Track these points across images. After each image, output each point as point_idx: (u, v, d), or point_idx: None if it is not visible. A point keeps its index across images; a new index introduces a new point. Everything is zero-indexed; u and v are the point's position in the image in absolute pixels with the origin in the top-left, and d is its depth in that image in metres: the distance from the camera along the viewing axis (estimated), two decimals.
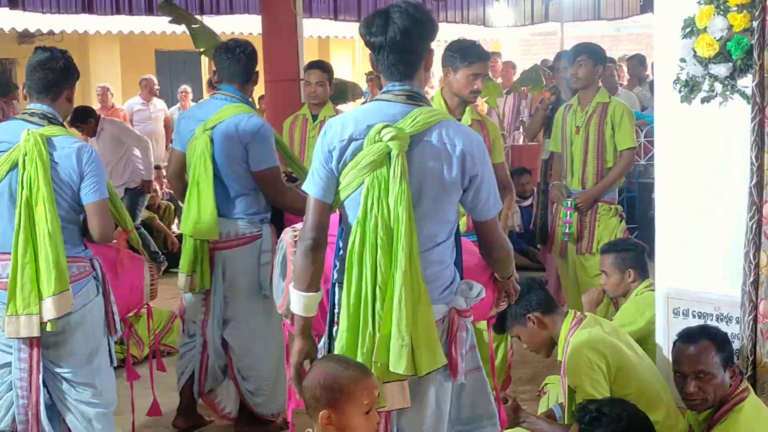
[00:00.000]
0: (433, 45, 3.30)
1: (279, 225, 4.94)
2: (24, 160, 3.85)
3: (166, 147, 13.06)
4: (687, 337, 3.76)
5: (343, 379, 2.82)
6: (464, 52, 5.07)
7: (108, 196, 4.07)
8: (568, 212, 5.96)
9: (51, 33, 13.80)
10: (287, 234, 3.70)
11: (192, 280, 4.92)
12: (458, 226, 3.33)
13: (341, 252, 3.21)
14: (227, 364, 5.09)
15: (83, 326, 4.03)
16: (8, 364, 3.99)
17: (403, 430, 3.23)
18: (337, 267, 3.24)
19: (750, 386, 3.60)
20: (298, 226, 3.53)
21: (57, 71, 3.99)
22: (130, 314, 4.86)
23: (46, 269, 3.83)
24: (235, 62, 4.99)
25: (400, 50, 3.11)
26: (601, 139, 6.00)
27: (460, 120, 5.05)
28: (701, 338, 3.69)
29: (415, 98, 3.14)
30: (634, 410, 3.30)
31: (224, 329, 5.03)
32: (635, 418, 3.22)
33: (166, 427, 5.19)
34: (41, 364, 3.97)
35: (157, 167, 11.05)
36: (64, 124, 4.11)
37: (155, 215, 9.56)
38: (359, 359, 3.03)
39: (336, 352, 3.16)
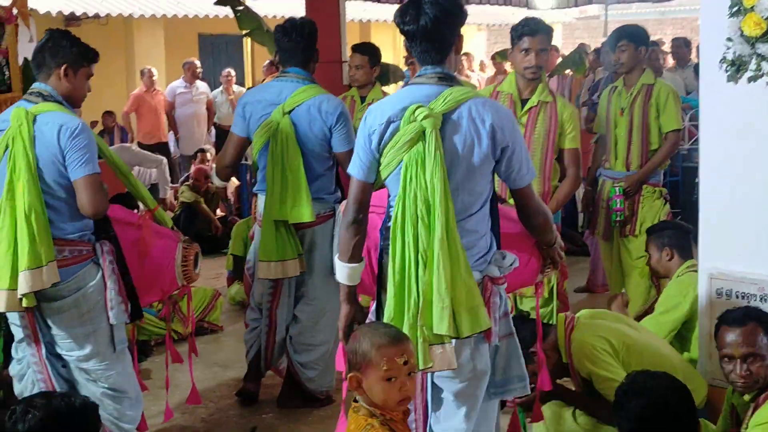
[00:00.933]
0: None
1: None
2: (11, 139, 3.86)
3: (208, 129, 13.17)
4: (733, 319, 3.67)
5: (366, 344, 2.89)
6: (515, 29, 5.11)
7: (98, 171, 3.93)
8: (618, 200, 5.93)
9: (96, 16, 13.93)
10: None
11: (284, 267, 4.91)
12: (494, 195, 3.44)
13: (388, 222, 3.36)
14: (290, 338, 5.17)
15: (77, 309, 3.99)
16: (23, 339, 4.05)
17: (441, 388, 3.36)
18: (384, 235, 3.41)
19: None
20: None
21: (46, 50, 3.98)
22: (173, 293, 4.79)
23: (21, 245, 3.79)
24: (296, 43, 5.02)
25: (431, 37, 3.30)
26: (646, 120, 5.97)
27: (528, 100, 5.19)
28: (748, 320, 3.61)
29: (446, 80, 3.33)
30: (672, 385, 3.28)
31: (295, 306, 5.13)
32: (671, 393, 3.21)
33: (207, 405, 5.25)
34: (41, 342, 4.00)
35: (202, 150, 11.15)
36: (63, 102, 4.00)
37: (201, 199, 9.59)
38: (405, 322, 3.18)
39: (384, 316, 3.31)
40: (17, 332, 4.08)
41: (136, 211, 4.89)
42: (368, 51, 6.91)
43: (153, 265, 4.35)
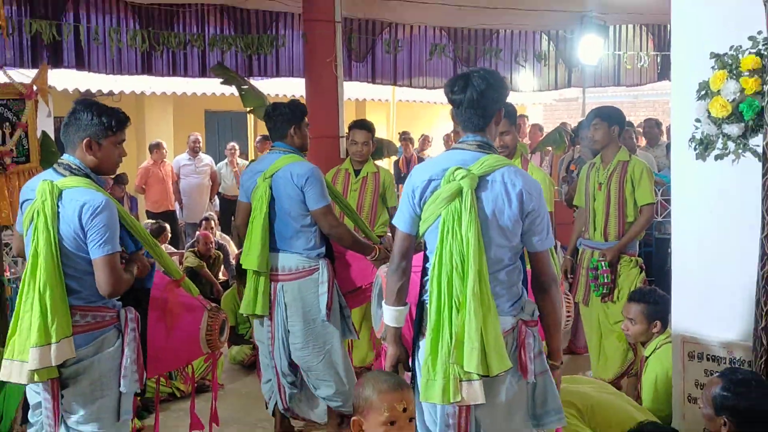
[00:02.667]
0: None
1: (331, 257, 5.33)
2: (36, 212, 3.75)
3: (211, 199, 13.20)
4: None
5: (369, 390, 2.94)
6: None
7: (117, 251, 3.80)
8: (605, 274, 5.97)
9: (111, 93, 14.02)
10: (382, 271, 4.32)
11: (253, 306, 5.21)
12: (524, 252, 3.55)
13: (425, 277, 3.49)
14: (298, 379, 5.38)
15: (89, 373, 3.83)
16: (39, 404, 3.87)
17: (480, 422, 3.42)
18: (423, 289, 3.53)
19: None
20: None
21: (71, 124, 3.87)
22: (198, 359, 4.75)
23: (34, 321, 3.65)
24: (277, 122, 5.32)
25: (475, 107, 3.44)
26: (622, 194, 6.01)
27: None
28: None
29: (485, 147, 3.47)
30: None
31: (290, 352, 5.28)
32: None
33: None
34: (60, 409, 3.83)
35: (207, 218, 11.16)
36: (90, 174, 3.87)
37: (204, 264, 9.57)
38: (439, 360, 3.30)
39: (422, 355, 3.40)
40: (33, 398, 3.93)
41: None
42: (371, 127, 6.98)
43: (180, 332, 4.27)
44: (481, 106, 3.44)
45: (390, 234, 6.49)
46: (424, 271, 3.54)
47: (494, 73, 3.54)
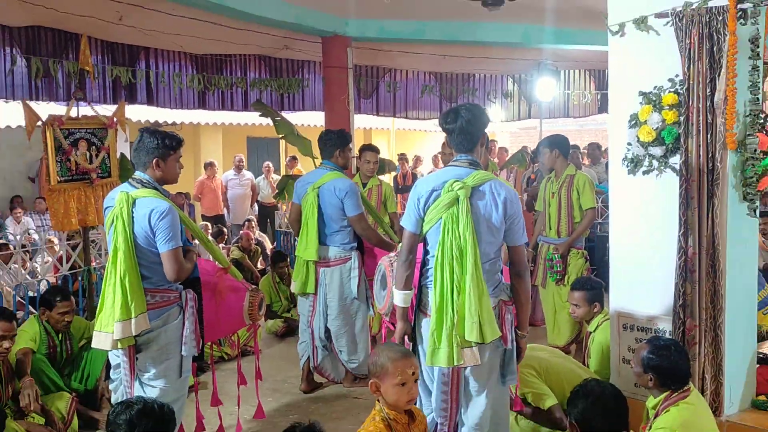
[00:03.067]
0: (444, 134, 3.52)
1: (361, 250, 5.50)
2: (115, 216, 3.78)
3: (252, 205, 13.21)
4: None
5: (384, 358, 2.93)
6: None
7: (179, 245, 3.81)
8: (557, 264, 6.01)
9: (174, 123, 14.03)
10: (384, 260, 4.32)
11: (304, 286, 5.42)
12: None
13: (425, 267, 3.51)
14: (329, 344, 5.54)
15: (158, 341, 3.85)
16: (118, 365, 3.92)
17: (467, 378, 3.47)
18: (422, 275, 3.54)
19: (693, 385, 3.48)
20: (392, 255, 4.32)
21: (141, 149, 3.88)
22: (242, 329, 4.78)
23: (116, 301, 3.70)
24: (326, 144, 5.52)
25: (464, 133, 3.47)
26: (570, 201, 6.01)
27: None
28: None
29: (475, 164, 3.49)
30: (610, 390, 3.24)
31: (327, 321, 5.46)
32: (608, 396, 3.17)
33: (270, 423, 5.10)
34: (136, 368, 3.87)
35: (249, 220, 11.16)
36: (157, 187, 3.88)
37: (245, 255, 9.56)
38: (444, 332, 3.32)
39: (429, 330, 3.40)
40: (113, 360, 3.97)
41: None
42: (378, 150, 7.02)
43: (227, 308, 4.28)
44: (468, 132, 3.46)
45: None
46: (424, 262, 3.53)
47: (477, 106, 3.58)
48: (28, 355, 4.73)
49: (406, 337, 3.62)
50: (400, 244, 3.64)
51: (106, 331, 3.75)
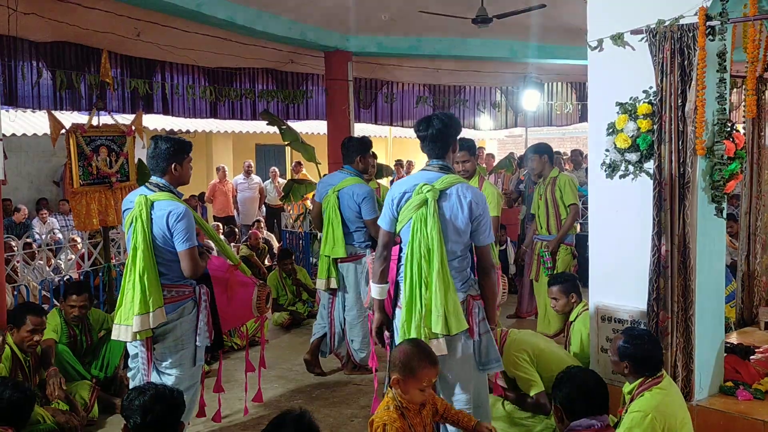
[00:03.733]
0: None
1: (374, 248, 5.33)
2: (134, 218, 3.78)
3: (259, 207, 13.21)
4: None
5: (416, 362, 2.93)
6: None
7: (195, 245, 3.80)
8: (548, 261, 6.06)
9: (188, 131, 14.04)
10: (368, 258, 4.48)
11: (328, 283, 5.45)
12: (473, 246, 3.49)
13: (399, 263, 3.49)
14: (344, 332, 5.57)
15: (174, 333, 3.85)
16: (136, 355, 3.92)
17: (442, 367, 3.35)
18: (399, 271, 3.50)
19: (665, 372, 3.46)
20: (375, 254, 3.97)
21: (158, 156, 3.86)
22: (250, 321, 4.76)
23: (136, 296, 3.70)
24: (349, 150, 5.51)
25: (435, 141, 3.44)
26: (555, 200, 6.07)
27: None
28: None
29: (445, 169, 3.44)
30: (592, 377, 3.20)
31: (345, 312, 5.50)
32: (592, 381, 3.13)
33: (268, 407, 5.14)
34: (153, 358, 3.87)
35: (257, 221, 11.16)
36: (173, 189, 3.88)
37: (254, 253, 9.54)
38: (413, 324, 3.30)
39: (399, 323, 3.40)
40: (131, 350, 3.96)
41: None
42: (375, 156, 6.97)
43: (237, 301, 4.25)
44: (439, 140, 3.43)
45: None
46: (399, 259, 3.51)
47: (450, 115, 3.52)
48: (52, 345, 4.73)
49: (385, 329, 3.59)
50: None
51: (126, 324, 3.75)
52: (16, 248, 6.49)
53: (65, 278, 6.55)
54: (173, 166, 3.88)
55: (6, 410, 3.10)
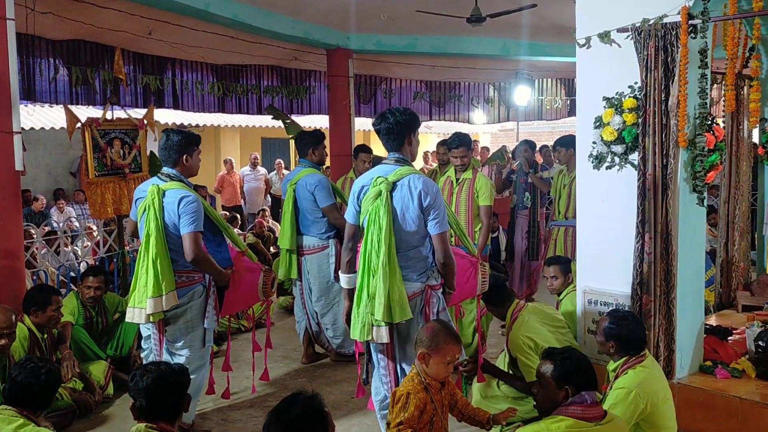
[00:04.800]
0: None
1: (339, 239, 5.09)
2: (147, 206, 3.77)
3: (265, 197, 13.19)
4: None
5: (443, 339, 2.92)
6: (451, 141, 5.29)
7: (200, 230, 3.76)
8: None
9: (197, 125, 13.99)
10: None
11: (288, 273, 5.27)
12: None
13: None
14: (318, 322, 5.37)
15: (185, 316, 3.86)
16: (149, 336, 3.94)
17: (401, 359, 3.39)
18: None
19: (648, 352, 3.45)
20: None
21: (170, 148, 3.85)
22: (257, 304, 4.72)
23: (149, 280, 3.70)
24: (301, 144, 5.34)
25: (389, 134, 3.38)
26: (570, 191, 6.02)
27: (460, 177, 5.43)
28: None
29: (400, 161, 3.38)
30: (583, 354, 3.14)
31: (314, 304, 5.29)
32: (586, 358, 3.05)
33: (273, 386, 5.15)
34: (165, 339, 3.89)
35: (263, 210, 11.14)
36: (183, 179, 3.87)
37: (260, 240, 9.51)
38: (360, 311, 3.28)
39: (353, 308, 3.37)
40: (144, 331, 3.99)
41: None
42: (370, 150, 6.98)
43: (244, 286, 4.22)
44: (393, 133, 3.36)
45: None
46: None
47: (407, 110, 3.42)
48: (68, 327, 4.74)
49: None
50: None
51: (140, 307, 3.75)
52: (35, 236, 6.49)
53: (81, 264, 6.55)
54: (184, 157, 3.88)
55: (18, 393, 3.00)
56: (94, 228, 7.52)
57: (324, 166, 5.59)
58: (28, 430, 2.74)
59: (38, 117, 12.09)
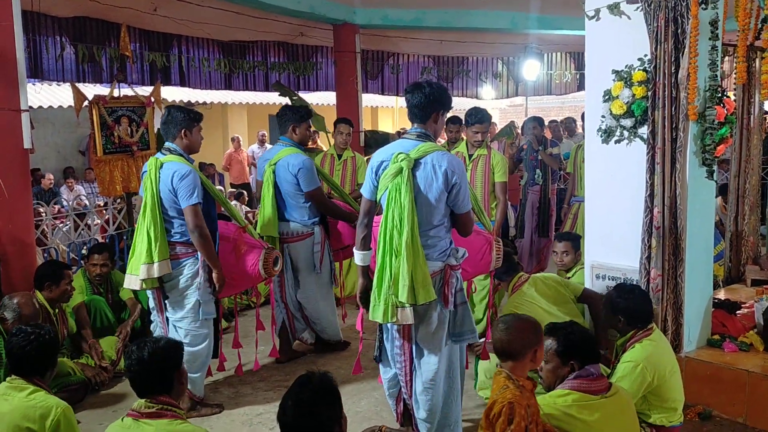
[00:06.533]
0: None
1: (325, 224, 4.88)
2: (146, 178, 3.88)
3: None
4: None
5: (540, 329, 2.71)
6: (469, 116, 5.24)
7: (198, 202, 3.80)
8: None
9: (204, 103, 13.97)
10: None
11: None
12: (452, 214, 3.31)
13: None
14: (302, 314, 4.99)
15: (178, 287, 3.93)
16: (153, 308, 4.04)
17: (418, 339, 3.34)
18: None
19: (656, 326, 3.44)
20: None
21: (169, 122, 3.94)
22: (261, 282, 4.55)
23: (143, 248, 3.79)
24: (282, 120, 4.80)
25: (419, 107, 3.26)
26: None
27: (472, 155, 5.31)
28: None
29: (423, 137, 3.27)
30: (586, 328, 3.10)
31: (297, 294, 4.89)
32: (589, 332, 3.02)
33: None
34: (164, 309, 3.98)
35: None
36: (183, 154, 3.92)
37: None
38: (382, 292, 3.19)
39: (373, 289, 3.26)
40: (151, 304, 4.08)
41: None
42: (350, 122, 6.57)
43: (245, 264, 4.19)
44: (423, 107, 3.24)
45: None
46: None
47: (441, 86, 3.32)
48: (82, 307, 4.85)
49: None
50: None
51: (135, 274, 3.87)
52: (44, 213, 6.53)
53: (90, 242, 6.60)
54: (183, 131, 3.95)
55: (18, 362, 2.87)
56: (104, 205, 7.57)
57: (308, 146, 5.15)
58: (40, 396, 2.79)
59: (45, 95, 12.11)
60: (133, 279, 3.89)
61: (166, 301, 3.99)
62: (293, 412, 2.09)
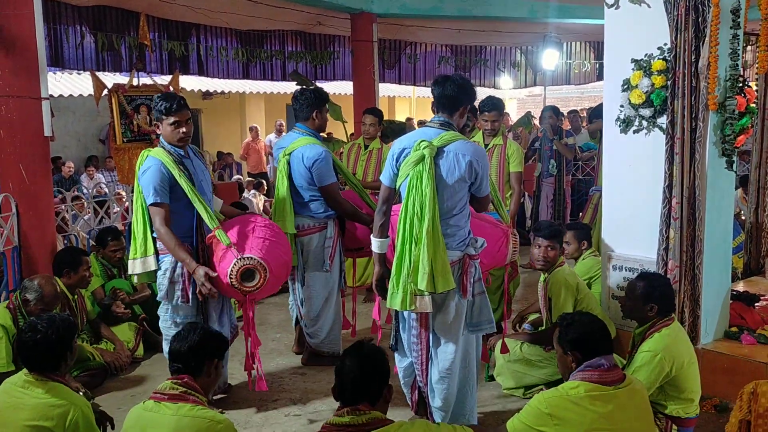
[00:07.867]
0: None
1: (341, 220, 4.51)
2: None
3: None
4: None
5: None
6: (484, 104, 5.15)
7: (159, 201, 3.58)
8: None
9: (222, 92, 14.01)
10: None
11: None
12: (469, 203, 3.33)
13: None
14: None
15: (162, 285, 3.77)
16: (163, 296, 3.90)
17: (435, 327, 3.34)
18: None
19: (674, 316, 3.39)
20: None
21: (301, 104, 4.00)
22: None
23: (139, 238, 3.70)
24: (303, 105, 4.41)
25: (446, 99, 3.27)
26: None
27: (488, 145, 5.22)
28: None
29: (446, 126, 3.27)
30: (597, 319, 2.96)
31: (301, 291, 4.51)
32: (597, 324, 2.92)
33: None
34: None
35: None
36: (165, 145, 3.68)
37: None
38: (401, 280, 3.19)
39: (392, 276, 3.26)
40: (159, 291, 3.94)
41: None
42: (378, 113, 6.37)
43: (220, 271, 3.66)
44: (453, 98, 3.24)
45: None
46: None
47: (469, 82, 3.32)
48: (100, 292, 4.92)
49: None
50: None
51: (133, 258, 3.79)
52: (65, 200, 6.61)
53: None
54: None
55: (30, 357, 2.78)
56: (124, 194, 7.64)
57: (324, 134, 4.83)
58: (60, 392, 2.75)
59: (66, 84, 12.23)
60: (133, 264, 3.78)
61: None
62: (356, 362, 2.39)
